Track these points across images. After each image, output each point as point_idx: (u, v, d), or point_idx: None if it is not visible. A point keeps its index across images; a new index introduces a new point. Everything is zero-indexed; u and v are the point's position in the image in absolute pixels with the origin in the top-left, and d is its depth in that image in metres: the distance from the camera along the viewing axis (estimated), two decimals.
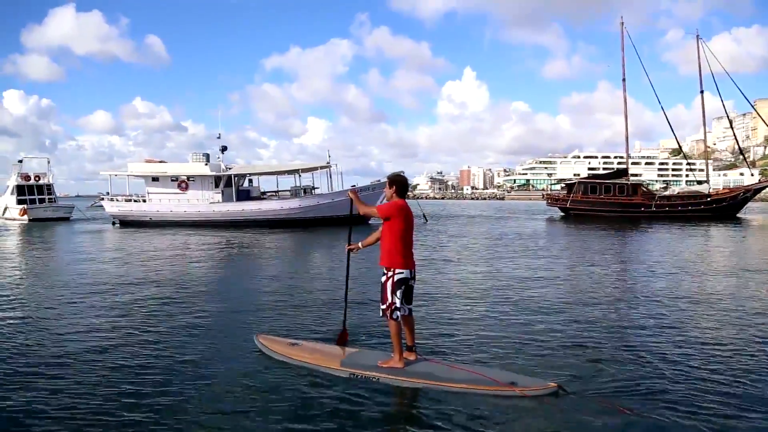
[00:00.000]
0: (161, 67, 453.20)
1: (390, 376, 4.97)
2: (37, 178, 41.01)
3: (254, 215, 29.94)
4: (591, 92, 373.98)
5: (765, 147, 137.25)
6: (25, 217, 37.60)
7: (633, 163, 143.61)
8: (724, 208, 38.07)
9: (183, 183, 31.54)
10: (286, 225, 28.40)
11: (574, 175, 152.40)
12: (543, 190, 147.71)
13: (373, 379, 4.99)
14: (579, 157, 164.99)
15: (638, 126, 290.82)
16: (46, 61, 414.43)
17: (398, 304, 4.97)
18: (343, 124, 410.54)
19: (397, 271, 5.00)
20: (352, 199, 5.53)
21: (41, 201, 40.46)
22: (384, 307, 5.04)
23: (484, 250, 17.04)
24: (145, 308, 8.45)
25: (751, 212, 42.50)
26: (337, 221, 27.30)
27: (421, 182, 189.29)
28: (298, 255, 17.39)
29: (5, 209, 40.13)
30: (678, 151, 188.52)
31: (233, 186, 31.33)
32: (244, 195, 32.05)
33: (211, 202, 30.74)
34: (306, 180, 33.78)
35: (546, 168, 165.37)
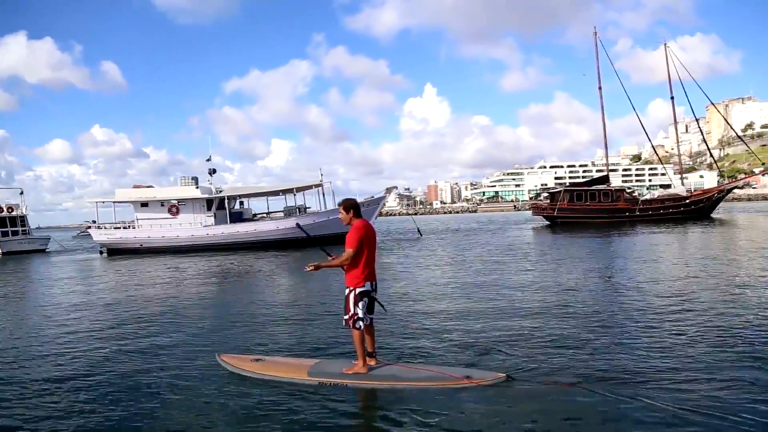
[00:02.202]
0: (118, 93, 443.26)
1: (356, 381, 5.28)
2: (9, 210, 39.40)
3: (250, 237, 29.37)
4: (548, 103, 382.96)
5: (720, 150, 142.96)
6: None
7: (598, 171, 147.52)
8: (701, 209, 39.47)
9: (173, 207, 30.75)
10: (282, 246, 27.99)
11: (542, 185, 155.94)
12: (512, 201, 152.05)
13: (341, 386, 5.26)
14: (545, 167, 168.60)
15: (597, 134, 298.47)
16: None
17: (360, 315, 5.26)
18: (307, 144, 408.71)
19: (359, 286, 5.31)
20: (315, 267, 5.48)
21: (14, 233, 38.86)
22: (347, 317, 5.32)
23: (513, 263, 17.14)
24: (111, 335, 8.43)
25: (721, 212, 44.06)
26: (333, 240, 27.02)
27: (389, 199, 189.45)
28: (288, 275, 17.02)
29: None
30: (638, 158, 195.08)
31: (226, 208, 30.73)
32: (237, 217, 31.44)
33: (204, 225, 30.06)
34: (294, 200, 33.49)
35: (513, 179, 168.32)
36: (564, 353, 6.14)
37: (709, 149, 51.16)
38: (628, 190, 48.24)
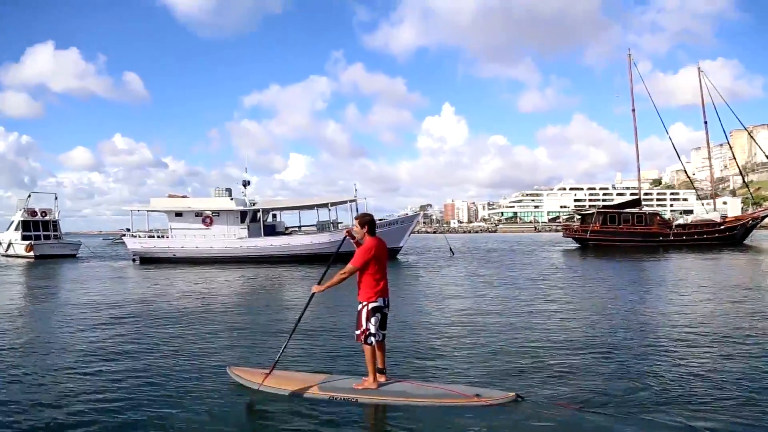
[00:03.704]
0: (140, 103, 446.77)
1: (366, 397, 5.30)
2: (43, 214, 39.87)
3: (283, 250, 29.32)
4: (566, 124, 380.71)
5: (745, 176, 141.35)
6: (32, 253, 36.34)
7: (618, 194, 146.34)
8: (734, 236, 38.86)
9: (207, 218, 30.84)
10: (315, 260, 27.84)
11: (561, 207, 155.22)
12: (531, 222, 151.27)
13: (351, 401, 5.26)
14: (565, 189, 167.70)
15: (615, 157, 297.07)
16: (25, 97, 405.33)
17: (372, 330, 5.31)
18: (324, 160, 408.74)
19: (371, 301, 5.36)
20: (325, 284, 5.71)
21: (46, 237, 39.24)
22: (358, 332, 5.38)
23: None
24: (127, 340, 8.59)
25: (755, 239, 43.28)
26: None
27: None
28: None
29: (9, 245, 38.78)
30: (658, 182, 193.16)
31: (260, 221, 30.78)
32: (270, 230, 31.44)
33: (238, 238, 30.10)
34: (325, 215, 33.57)
35: (533, 200, 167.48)
36: (575, 376, 6.17)
37: (741, 173, 50.11)
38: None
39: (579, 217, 44.76)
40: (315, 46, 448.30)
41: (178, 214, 31.10)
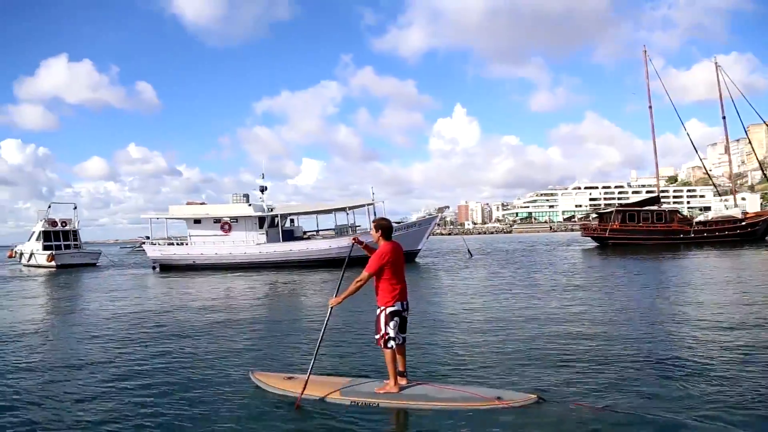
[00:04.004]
0: (153, 112, 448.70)
1: (388, 401, 5.30)
2: (63, 224, 40.36)
3: (302, 255, 29.39)
4: (578, 123, 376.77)
5: (765, 171, 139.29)
6: (53, 263, 36.77)
7: (634, 192, 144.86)
8: (756, 232, 38.29)
9: (226, 225, 31.02)
10: (334, 264, 27.87)
11: (576, 206, 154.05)
12: (546, 221, 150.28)
13: (373, 405, 5.27)
14: (580, 188, 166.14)
15: (630, 155, 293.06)
16: (40, 110, 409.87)
17: (392, 334, 5.33)
18: (337, 164, 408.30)
19: (389, 305, 5.38)
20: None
21: (67, 247, 39.70)
22: (378, 337, 5.41)
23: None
24: (151, 346, 8.82)
25: None
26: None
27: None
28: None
29: (30, 255, 39.30)
30: (674, 179, 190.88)
31: (279, 226, 30.90)
32: (288, 235, 31.57)
33: (257, 243, 30.23)
34: (342, 219, 33.62)
35: (547, 200, 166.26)
36: (597, 377, 6.11)
37: (761, 167, 49.11)
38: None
39: (596, 215, 44.35)
40: (324, 51, 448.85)
41: (197, 221, 31.32)
